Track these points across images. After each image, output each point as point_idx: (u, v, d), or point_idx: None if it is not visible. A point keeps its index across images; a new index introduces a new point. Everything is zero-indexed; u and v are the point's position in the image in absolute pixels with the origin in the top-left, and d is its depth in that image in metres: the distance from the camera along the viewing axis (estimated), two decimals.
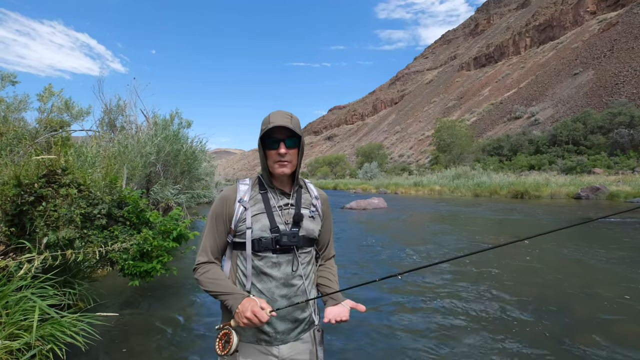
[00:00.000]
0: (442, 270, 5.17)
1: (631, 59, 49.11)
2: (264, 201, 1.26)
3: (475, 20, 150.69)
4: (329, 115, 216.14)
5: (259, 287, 1.22)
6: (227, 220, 1.25)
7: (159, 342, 3.03)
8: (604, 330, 3.10)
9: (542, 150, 38.20)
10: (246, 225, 1.22)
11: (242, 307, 1.12)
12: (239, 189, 1.28)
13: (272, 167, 1.25)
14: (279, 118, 1.22)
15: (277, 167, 1.24)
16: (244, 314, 1.10)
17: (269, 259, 1.22)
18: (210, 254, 1.26)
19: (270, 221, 1.23)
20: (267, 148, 1.25)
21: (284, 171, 1.24)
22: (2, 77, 8.21)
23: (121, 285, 4.43)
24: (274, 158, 1.24)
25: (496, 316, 3.47)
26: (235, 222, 1.23)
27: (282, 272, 1.23)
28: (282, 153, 1.21)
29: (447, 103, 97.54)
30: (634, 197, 15.97)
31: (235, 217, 1.23)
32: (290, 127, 1.20)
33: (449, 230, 9.21)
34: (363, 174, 49.49)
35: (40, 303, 2.21)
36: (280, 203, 1.27)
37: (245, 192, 1.27)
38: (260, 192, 1.28)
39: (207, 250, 1.26)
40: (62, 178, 3.25)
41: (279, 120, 1.20)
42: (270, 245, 1.21)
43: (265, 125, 1.21)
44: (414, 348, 2.87)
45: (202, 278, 1.23)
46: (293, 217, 1.26)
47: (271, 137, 1.22)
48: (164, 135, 7.51)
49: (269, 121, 1.22)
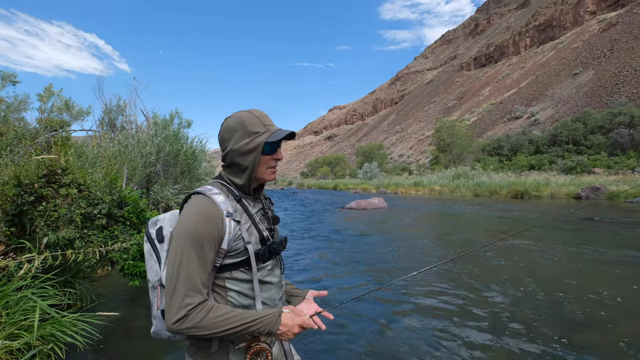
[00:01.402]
0: (436, 271, 5.17)
1: (631, 59, 49.11)
2: (245, 210, 1.12)
3: (475, 20, 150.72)
4: (329, 115, 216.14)
5: (261, 300, 1.12)
6: (217, 242, 1.02)
7: (159, 342, 3.03)
8: (604, 330, 3.11)
9: (542, 150, 38.20)
10: (244, 241, 1.07)
11: (286, 327, 1.04)
12: (216, 201, 1.05)
13: (264, 173, 1.15)
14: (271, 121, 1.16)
15: (270, 173, 1.16)
16: (292, 332, 1.04)
17: (265, 267, 1.14)
18: (203, 289, 1.00)
19: (258, 231, 1.12)
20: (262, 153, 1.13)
21: (274, 177, 1.17)
22: (2, 77, 8.21)
23: (121, 285, 4.43)
24: (269, 163, 1.15)
25: (492, 317, 3.47)
26: (229, 241, 1.04)
27: (277, 276, 1.18)
28: (280, 158, 1.16)
29: (447, 103, 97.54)
30: (634, 197, 15.96)
31: (228, 236, 1.04)
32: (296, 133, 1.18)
33: (449, 230, 9.22)
34: (363, 174, 49.49)
35: (41, 303, 2.22)
36: (255, 209, 1.17)
37: (226, 204, 1.07)
38: (237, 201, 1.12)
39: (199, 285, 0.98)
40: (62, 178, 3.25)
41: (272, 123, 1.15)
42: (265, 256, 1.11)
43: (262, 129, 1.10)
44: (411, 348, 2.87)
45: (206, 322, 0.96)
46: (272, 221, 1.21)
47: (271, 142, 1.12)
48: (164, 135, 7.51)
49: (262, 123, 1.11)
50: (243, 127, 1.10)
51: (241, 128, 1.10)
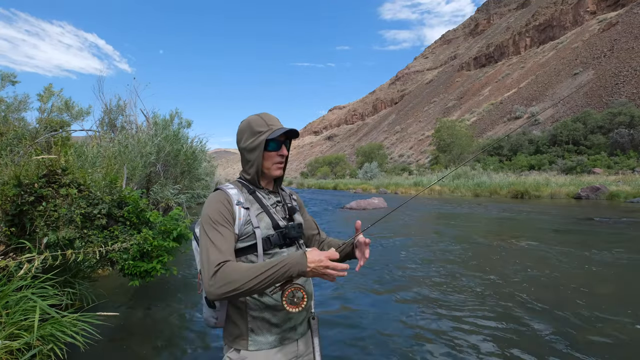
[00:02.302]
0: (437, 272, 5.17)
1: (631, 59, 49.09)
2: (258, 201, 1.25)
3: (475, 20, 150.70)
4: (329, 115, 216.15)
5: None
6: (232, 223, 1.15)
7: (159, 342, 3.03)
8: (604, 330, 3.11)
9: (542, 150, 38.18)
10: (253, 226, 1.18)
11: (314, 263, 1.03)
12: (229, 193, 1.20)
13: (270, 169, 1.28)
14: (276, 121, 1.28)
15: (275, 169, 1.28)
16: (322, 265, 1.03)
17: (279, 254, 1.20)
18: (228, 254, 1.09)
19: (271, 219, 1.23)
20: (266, 149, 1.26)
21: (281, 173, 1.30)
22: (2, 76, 8.21)
23: (121, 285, 4.43)
24: (273, 160, 1.27)
25: (493, 317, 3.47)
26: (239, 225, 1.16)
27: None
28: (284, 155, 1.27)
29: (447, 103, 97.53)
30: (634, 197, 15.95)
31: (239, 221, 1.16)
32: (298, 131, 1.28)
33: (449, 229, 9.21)
34: (363, 174, 49.47)
35: (41, 303, 2.22)
36: (270, 202, 1.29)
37: (238, 195, 1.22)
38: (250, 194, 1.26)
39: (224, 250, 1.08)
40: (62, 178, 3.25)
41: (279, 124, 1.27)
42: (279, 241, 1.21)
43: (265, 127, 1.24)
44: (412, 348, 2.87)
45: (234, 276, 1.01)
46: (288, 211, 1.31)
47: (275, 140, 1.25)
48: (164, 135, 7.51)
49: (266, 123, 1.24)
50: (250, 128, 1.26)
51: (249, 129, 1.26)
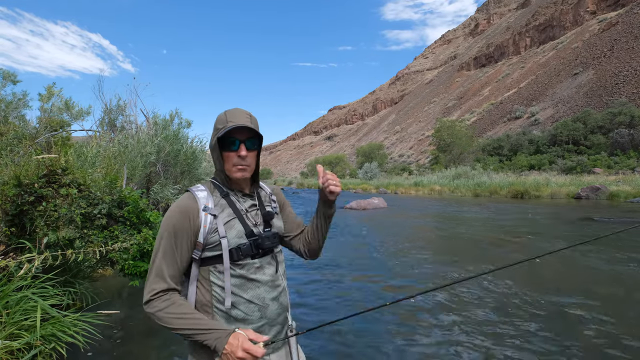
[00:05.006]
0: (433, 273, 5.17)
1: (631, 59, 49.07)
2: (230, 205, 1.14)
3: (475, 20, 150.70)
4: (329, 115, 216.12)
5: (246, 297, 1.09)
6: (192, 235, 1.07)
7: (159, 342, 3.03)
8: (605, 331, 3.11)
9: (542, 150, 38.18)
10: (220, 235, 1.08)
11: (231, 347, 0.96)
12: (197, 196, 1.11)
13: (230, 171, 1.14)
14: (239, 117, 1.11)
15: (235, 170, 1.14)
16: (235, 355, 0.95)
17: (251, 265, 1.12)
18: (170, 279, 1.04)
19: (244, 226, 1.13)
20: (224, 149, 1.13)
21: (244, 175, 1.15)
22: (3, 75, 8.21)
23: (121, 285, 4.43)
24: (232, 161, 1.13)
25: (499, 320, 3.47)
26: (204, 234, 1.07)
27: (268, 274, 1.14)
28: (242, 155, 1.12)
29: (447, 103, 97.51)
30: (634, 197, 15.96)
31: (203, 229, 1.07)
32: (252, 127, 1.11)
33: (449, 231, 9.21)
34: (363, 174, 49.47)
35: (42, 303, 2.22)
36: (245, 205, 1.18)
37: (207, 199, 1.12)
38: (222, 197, 1.15)
39: (164, 274, 1.04)
40: (62, 178, 3.25)
41: (240, 120, 1.10)
42: (251, 251, 1.11)
43: (223, 125, 1.10)
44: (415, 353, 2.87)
45: (163, 314, 1.00)
46: (263, 217, 1.19)
47: (230, 138, 1.11)
48: (164, 135, 7.51)
49: (226, 120, 1.11)
50: (214, 127, 1.14)
51: (214, 127, 1.15)
